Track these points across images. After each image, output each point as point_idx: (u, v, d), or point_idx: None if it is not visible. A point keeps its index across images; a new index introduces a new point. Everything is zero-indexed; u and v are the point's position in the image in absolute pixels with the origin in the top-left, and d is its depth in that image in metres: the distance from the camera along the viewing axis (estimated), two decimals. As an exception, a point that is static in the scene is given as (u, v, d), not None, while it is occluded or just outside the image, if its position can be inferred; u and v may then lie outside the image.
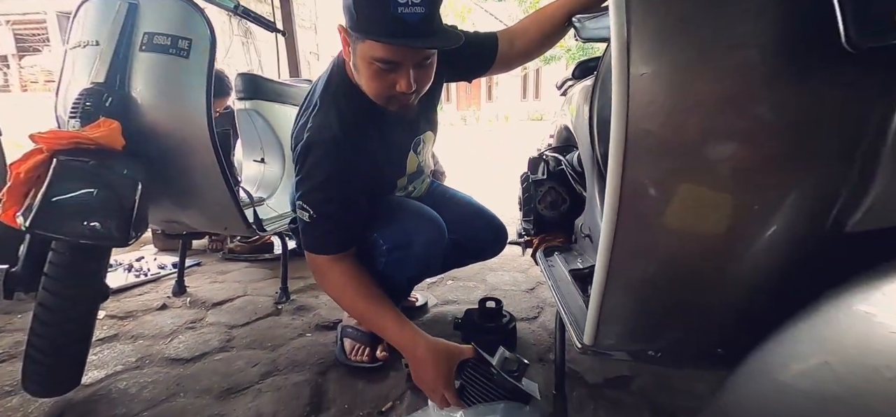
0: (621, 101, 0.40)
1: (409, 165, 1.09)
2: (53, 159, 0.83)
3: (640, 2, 0.39)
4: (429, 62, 0.85)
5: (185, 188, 1.19)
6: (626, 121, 0.40)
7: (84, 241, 0.80)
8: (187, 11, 1.04)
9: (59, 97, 1.14)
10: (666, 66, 0.40)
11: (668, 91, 0.40)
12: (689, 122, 0.41)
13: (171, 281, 1.72)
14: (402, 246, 0.96)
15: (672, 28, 0.39)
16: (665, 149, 0.41)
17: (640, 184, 0.43)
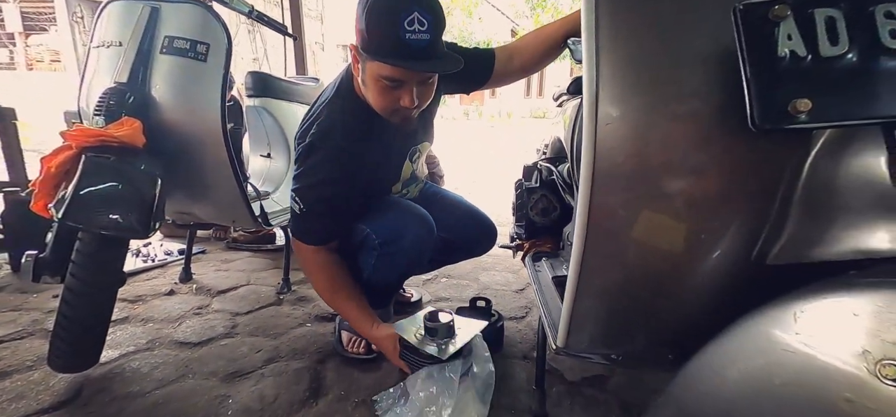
0: (590, 138, 0.48)
1: (404, 172, 1.17)
2: (82, 155, 0.90)
3: (608, 60, 0.46)
4: (430, 81, 0.94)
5: (199, 182, 1.26)
6: (593, 155, 0.48)
7: (107, 233, 0.87)
8: (206, 17, 1.11)
9: (82, 91, 1.20)
10: (629, 112, 0.47)
11: (629, 132, 0.47)
12: (647, 159, 0.48)
13: (177, 268, 1.80)
14: (393, 241, 1.02)
15: (635, 81, 0.46)
16: (627, 180, 0.48)
17: (605, 208, 0.51)
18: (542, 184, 1.47)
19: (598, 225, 0.51)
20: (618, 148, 0.47)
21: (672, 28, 0.45)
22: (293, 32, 1.95)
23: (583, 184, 0.49)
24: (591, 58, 0.47)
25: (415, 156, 1.19)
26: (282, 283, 1.67)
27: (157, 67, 1.10)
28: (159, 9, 1.10)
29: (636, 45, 0.46)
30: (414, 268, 1.18)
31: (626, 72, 0.46)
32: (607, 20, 0.46)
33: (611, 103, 0.47)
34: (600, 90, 0.46)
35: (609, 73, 0.46)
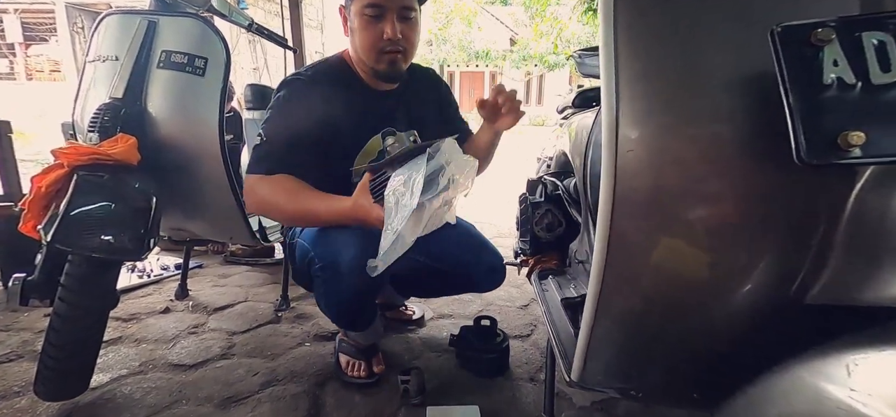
0: (610, 162, 0.45)
1: (371, 145, 1.03)
2: (74, 174, 0.87)
3: (628, 80, 0.43)
4: (412, 16, 0.94)
5: (195, 199, 1.23)
6: (614, 180, 0.44)
7: (98, 255, 0.84)
8: (204, 31, 1.09)
9: (77, 106, 1.18)
10: (652, 135, 0.44)
11: (653, 157, 0.44)
12: (672, 186, 0.45)
13: (173, 284, 1.76)
14: (330, 265, 0.92)
15: (658, 103, 0.43)
16: (650, 207, 0.45)
17: (626, 235, 0.47)
18: (547, 198, 1.44)
19: (617, 253, 0.48)
20: (640, 173, 0.44)
21: (700, 46, 0.42)
22: (293, 45, 1.93)
23: (602, 209, 0.46)
24: (609, 78, 0.44)
25: (389, 137, 1.06)
26: (280, 300, 1.62)
27: (153, 82, 1.08)
28: (157, 23, 1.08)
29: (659, 63, 0.43)
30: (364, 292, 0.97)
31: (647, 92, 0.43)
32: (626, 37, 0.43)
33: (632, 126, 0.43)
34: (621, 113, 0.43)
35: (629, 95, 0.43)
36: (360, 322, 1.11)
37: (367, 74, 1.03)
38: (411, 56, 0.99)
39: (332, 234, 0.95)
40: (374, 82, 1.05)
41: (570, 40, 14.87)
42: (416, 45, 0.99)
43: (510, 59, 17.36)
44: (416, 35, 0.97)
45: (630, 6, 0.43)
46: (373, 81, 1.05)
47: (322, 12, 9.46)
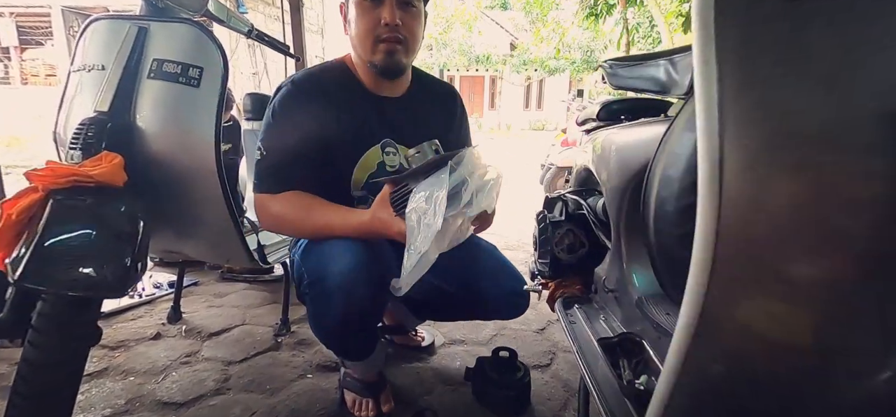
0: (710, 215, 0.35)
1: (369, 158, 0.97)
2: (49, 199, 0.77)
3: (735, 117, 0.33)
4: (413, 6, 0.89)
5: (188, 218, 1.13)
6: (715, 238, 0.35)
7: (75, 293, 0.73)
8: (200, 38, 0.99)
9: (60, 119, 1.08)
10: (768, 182, 0.34)
11: (770, 210, 0.34)
12: (792, 242, 0.35)
13: (166, 304, 1.65)
14: (318, 280, 0.85)
15: (775, 140, 0.34)
16: (764, 269, 0.35)
17: (724, 307, 0.37)
18: (568, 217, 1.34)
19: (715, 322, 0.38)
20: (751, 228, 0.34)
21: (835, 73, 0.33)
22: (296, 52, 1.84)
23: (698, 269, 0.36)
24: (710, 113, 0.34)
25: (390, 150, 1.00)
26: (280, 323, 1.52)
27: (143, 94, 0.98)
28: (148, 29, 0.98)
29: (778, 96, 0.33)
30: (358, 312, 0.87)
31: (764, 131, 0.33)
32: (735, 66, 0.33)
33: (741, 172, 0.34)
34: (726, 157, 0.33)
35: (737, 133, 0.34)
36: (355, 350, 1.01)
37: (368, 78, 0.97)
38: (412, 49, 0.92)
39: (323, 247, 0.87)
40: (375, 86, 0.97)
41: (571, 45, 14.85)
42: (417, 37, 0.93)
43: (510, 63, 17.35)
44: (417, 26, 0.91)
45: (736, 32, 0.33)
46: (375, 85, 0.97)
47: (323, 16, 9.40)
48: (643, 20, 10.02)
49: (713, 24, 0.34)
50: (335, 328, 0.89)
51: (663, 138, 0.52)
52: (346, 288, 0.81)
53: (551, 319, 1.65)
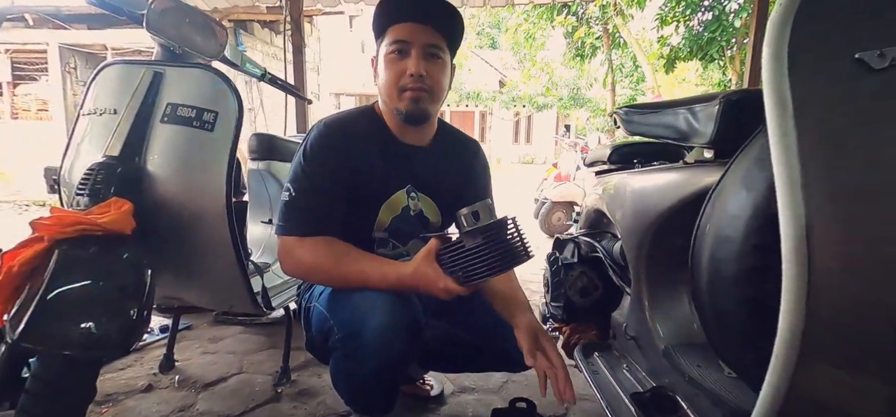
0: (797, 292, 0.33)
1: (396, 200, 0.97)
2: (54, 250, 0.73)
3: (825, 187, 0.32)
4: (438, 57, 0.90)
5: (193, 264, 1.09)
6: (804, 316, 0.33)
7: (74, 353, 0.68)
8: (215, 83, 0.99)
9: (65, 161, 1.04)
10: (858, 254, 0.33)
11: (861, 284, 0.33)
12: (887, 316, 0.33)
13: (158, 351, 1.56)
14: (354, 334, 0.81)
15: (865, 210, 0.33)
16: (853, 352, 0.33)
17: (812, 386, 0.35)
18: (581, 259, 1.33)
19: (801, 403, 0.35)
20: (844, 301, 0.32)
21: None
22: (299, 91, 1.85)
23: (782, 351, 0.34)
24: (791, 181, 0.33)
25: (413, 195, 1.00)
26: (280, 371, 1.44)
27: (155, 138, 0.96)
28: (163, 74, 0.97)
29: (864, 165, 0.33)
30: (393, 368, 0.84)
31: (852, 200, 0.32)
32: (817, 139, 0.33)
33: (831, 244, 0.32)
34: (813, 225, 0.32)
35: (825, 202, 0.33)
36: (380, 406, 0.95)
37: (394, 125, 0.98)
38: (437, 97, 0.93)
39: (354, 299, 0.84)
40: (402, 133, 0.98)
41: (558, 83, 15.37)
42: (442, 86, 0.93)
43: (499, 99, 17.82)
44: (443, 76, 0.93)
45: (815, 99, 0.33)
46: (401, 133, 0.98)
47: (319, 55, 9.60)
48: (626, 60, 10.47)
49: (789, 92, 0.33)
50: (369, 383, 0.84)
51: (711, 195, 0.51)
52: (387, 343, 0.78)
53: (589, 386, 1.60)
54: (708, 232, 0.49)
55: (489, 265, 0.71)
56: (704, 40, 6.78)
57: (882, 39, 0.30)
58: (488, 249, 0.71)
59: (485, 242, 0.72)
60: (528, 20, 9.46)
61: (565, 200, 4.80)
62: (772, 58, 0.32)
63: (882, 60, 0.30)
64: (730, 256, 0.45)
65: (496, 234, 0.72)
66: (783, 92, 0.33)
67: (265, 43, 7.36)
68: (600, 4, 7.87)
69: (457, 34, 0.94)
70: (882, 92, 0.31)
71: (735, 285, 0.44)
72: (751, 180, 0.45)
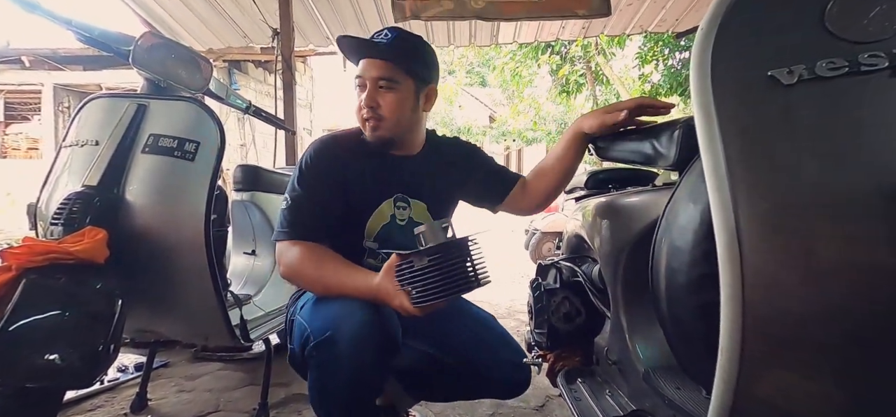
0: (734, 301, 0.35)
1: (383, 210, 1.00)
2: (22, 279, 0.72)
3: (747, 185, 0.34)
4: (392, 88, 0.94)
5: (169, 295, 1.08)
6: (741, 326, 0.34)
7: (32, 385, 0.66)
8: (199, 115, 1.01)
9: (43, 193, 1.04)
10: (785, 249, 0.35)
11: (789, 275, 0.34)
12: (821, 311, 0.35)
13: (131, 391, 1.51)
14: (327, 343, 0.80)
15: (786, 209, 0.35)
16: (791, 348, 0.34)
17: (759, 380, 0.36)
18: (563, 285, 1.33)
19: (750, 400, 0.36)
20: (776, 295, 0.34)
21: (827, 147, 0.35)
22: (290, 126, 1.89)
23: (726, 355, 0.35)
24: (721, 187, 0.35)
25: (401, 204, 1.02)
26: (258, 408, 1.39)
27: (135, 168, 0.97)
28: (148, 106, 1.00)
29: (782, 168, 0.35)
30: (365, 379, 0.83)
31: (775, 201, 0.34)
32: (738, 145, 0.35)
33: (759, 242, 0.34)
34: (742, 228, 0.34)
35: (749, 205, 0.35)
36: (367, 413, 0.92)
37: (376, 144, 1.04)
38: (389, 123, 0.97)
39: (331, 308, 0.85)
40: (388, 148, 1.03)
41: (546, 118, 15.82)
42: (394, 111, 0.96)
43: (490, 134, 18.21)
44: (395, 103, 0.96)
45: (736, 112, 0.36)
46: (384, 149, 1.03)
47: (311, 92, 9.81)
48: (610, 96, 10.86)
49: (713, 105, 0.36)
50: (342, 396, 0.83)
51: (665, 210, 0.53)
52: (359, 351, 0.78)
53: (550, 394, 1.57)
54: (663, 244, 0.50)
55: (434, 288, 0.70)
56: (683, 77, 7.08)
57: (790, 58, 0.33)
58: (435, 271, 0.70)
59: (430, 265, 0.71)
60: (515, 59, 9.83)
61: (554, 230, 4.84)
62: (697, 74, 0.35)
63: (791, 77, 0.33)
64: (682, 266, 0.46)
65: (443, 257, 0.71)
66: (708, 105, 0.35)
67: (259, 81, 7.52)
68: (582, 45, 8.24)
69: (415, 58, 0.98)
70: (792, 106, 0.34)
71: (688, 293, 0.46)
72: (697, 193, 0.47)
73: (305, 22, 3.35)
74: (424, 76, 1.00)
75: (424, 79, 1.01)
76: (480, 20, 2.84)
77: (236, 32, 3.49)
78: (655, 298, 0.54)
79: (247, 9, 3.09)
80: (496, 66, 10.90)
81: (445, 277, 0.70)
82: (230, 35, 3.52)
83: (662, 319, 0.53)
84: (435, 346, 1.02)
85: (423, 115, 1.04)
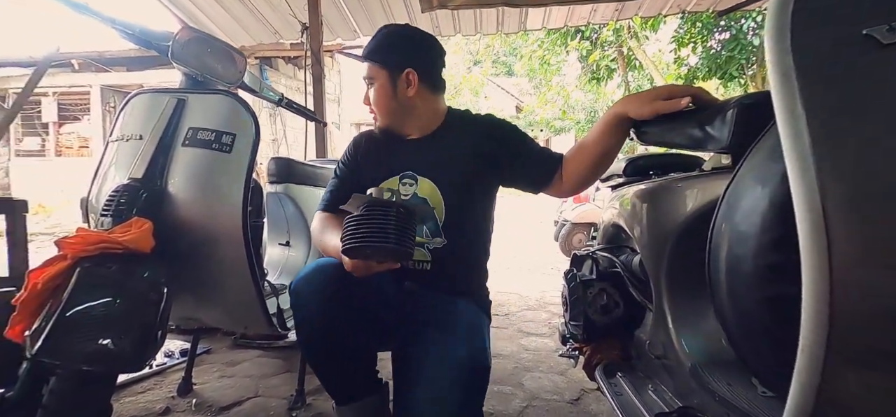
0: (819, 292, 0.31)
1: (387, 185, 1.04)
2: (77, 267, 0.75)
3: (836, 160, 0.30)
4: (371, 85, 1.03)
5: (210, 284, 1.11)
6: (828, 320, 0.30)
7: (90, 368, 0.69)
8: (234, 107, 1.03)
9: (93, 186, 1.10)
10: (885, 239, 0.30)
11: (889, 273, 0.30)
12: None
13: (176, 375, 1.58)
14: (292, 292, 0.91)
15: (891, 181, 0.30)
16: (888, 350, 0.30)
17: (845, 385, 0.32)
18: (600, 275, 1.28)
19: (833, 405, 0.32)
20: (876, 297, 0.30)
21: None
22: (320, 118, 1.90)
23: (807, 354, 0.31)
24: (803, 167, 0.31)
25: (407, 181, 1.04)
26: (295, 395, 1.43)
27: (176, 161, 1.00)
28: (186, 100, 1.02)
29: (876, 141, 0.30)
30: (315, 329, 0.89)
31: (867, 176, 0.30)
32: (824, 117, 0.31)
33: (856, 230, 0.30)
34: (831, 213, 0.30)
35: (842, 187, 0.30)
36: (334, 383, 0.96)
37: None
38: (380, 116, 1.06)
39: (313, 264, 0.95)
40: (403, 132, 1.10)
41: (574, 106, 15.39)
42: (378, 103, 1.04)
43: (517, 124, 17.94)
44: (376, 96, 1.04)
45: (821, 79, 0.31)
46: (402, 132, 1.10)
47: (339, 87, 9.96)
48: (643, 81, 10.40)
49: (794, 72, 0.32)
50: (301, 336, 0.94)
51: (725, 194, 0.49)
52: (302, 295, 0.89)
53: (585, 387, 1.53)
54: (723, 230, 0.46)
55: (353, 238, 0.74)
56: (723, 59, 6.69)
57: (890, 13, 0.29)
58: (357, 224, 0.74)
59: (355, 218, 0.75)
60: (543, 46, 9.59)
61: (585, 221, 4.72)
62: (774, 37, 0.31)
63: (892, 35, 0.28)
64: (747, 254, 0.42)
65: (370, 212, 0.75)
66: (787, 73, 0.31)
67: (289, 77, 7.71)
68: (614, 28, 7.92)
69: (385, 49, 1.03)
70: (894, 69, 0.29)
71: (754, 284, 0.41)
72: (765, 173, 0.42)
73: (333, 16, 3.38)
74: (397, 62, 1.01)
75: (398, 65, 1.01)
76: (508, 7, 2.77)
77: (267, 28, 3.57)
78: (713, 289, 0.50)
79: (276, 5, 3.14)
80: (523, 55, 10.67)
81: (364, 230, 0.74)
82: (261, 31, 3.61)
83: (722, 311, 0.49)
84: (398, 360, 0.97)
85: (412, 99, 1.02)
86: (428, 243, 1.01)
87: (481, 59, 18.70)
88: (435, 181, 1.01)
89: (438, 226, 1.01)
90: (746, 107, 0.70)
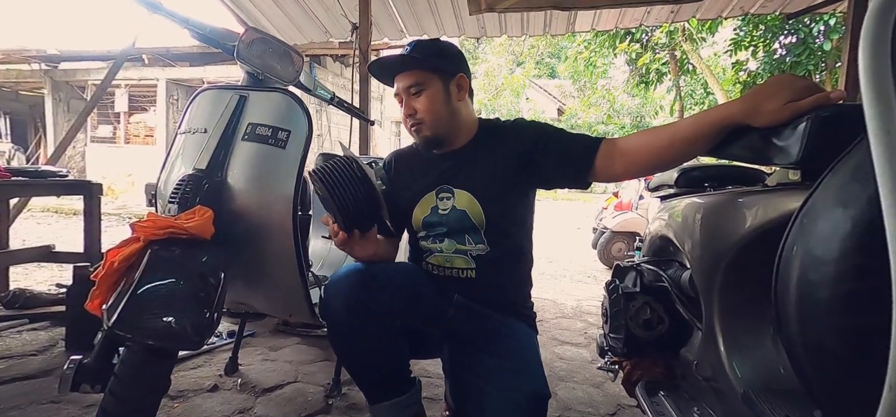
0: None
1: (425, 202, 1.07)
2: (148, 249, 0.82)
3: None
4: (416, 92, 1.02)
5: (260, 272, 1.17)
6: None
7: (155, 343, 0.75)
8: (290, 105, 1.08)
9: (162, 174, 1.19)
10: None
11: None
12: None
13: (224, 354, 1.69)
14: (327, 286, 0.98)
15: None
16: None
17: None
18: (644, 288, 1.23)
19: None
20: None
21: None
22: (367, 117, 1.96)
23: (891, 406, 0.28)
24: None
25: (445, 196, 1.04)
26: (332, 384, 1.48)
27: (236, 154, 1.06)
28: (248, 97, 1.09)
29: None
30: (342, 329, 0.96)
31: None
32: None
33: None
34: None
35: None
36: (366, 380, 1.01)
37: None
38: (430, 123, 1.03)
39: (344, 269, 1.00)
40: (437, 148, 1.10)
41: (620, 111, 14.84)
42: (432, 112, 1.02)
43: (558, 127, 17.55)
44: (428, 102, 1.02)
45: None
46: None
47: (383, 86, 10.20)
48: (695, 87, 9.83)
49: (893, 86, 0.29)
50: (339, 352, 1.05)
51: (799, 214, 0.45)
52: (331, 298, 0.95)
53: (622, 403, 1.47)
54: (795, 254, 0.43)
55: (319, 178, 0.88)
56: (788, 65, 6.19)
57: None
58: (324, 171, 0.89)
59: (323, 167, 0.90)
60: (589, 48, 9.31)
61: (626, 230, 4.54)
62: (870, 47, 0.29)
63: None
64: (824, 280, 0.39)
65: (332, 165, 0.90)
66: (885, 87, 0.28)
67: (336, 75, 7.98)
68: (667, 31, 7.55)
69: (434, 55, 1.03)
70: None
71: (831, 312, 0.38)
72: (848, 195, 0.39)
73: (382, 16, 3.46)
74: (448, 68, 1.03)
75: (449, 72, 1.03)
76: (557, 9, 2.71)
77: (318, 28, 3.72)
78: (780, 315, 0.46)
79: (329, 5, 3.26)
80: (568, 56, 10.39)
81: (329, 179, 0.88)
82: (313, 30, 3.76)
83: (789, 339, 0.45)
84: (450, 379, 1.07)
85: (460, 105, 1.06)
86: (471, 250, 1.02)
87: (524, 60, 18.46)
88: (472, 192, 1.02)
89: (481, 235, 1.02)
90: (823, 120, 0.65)
